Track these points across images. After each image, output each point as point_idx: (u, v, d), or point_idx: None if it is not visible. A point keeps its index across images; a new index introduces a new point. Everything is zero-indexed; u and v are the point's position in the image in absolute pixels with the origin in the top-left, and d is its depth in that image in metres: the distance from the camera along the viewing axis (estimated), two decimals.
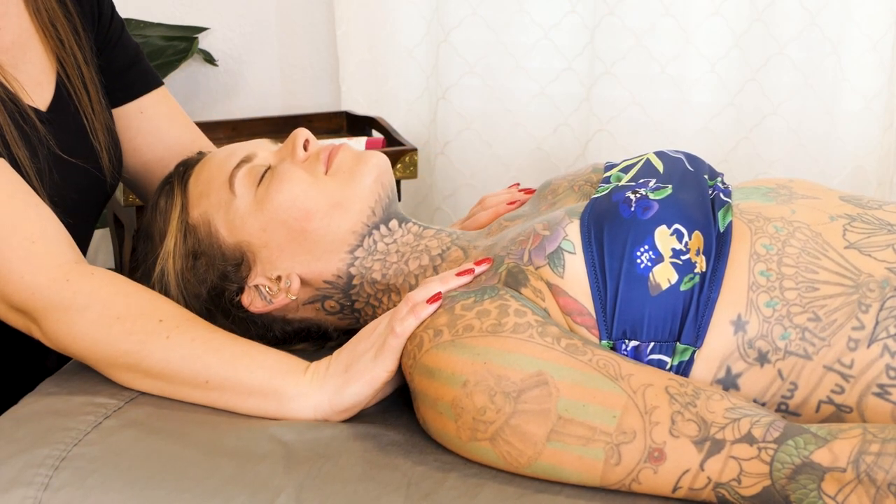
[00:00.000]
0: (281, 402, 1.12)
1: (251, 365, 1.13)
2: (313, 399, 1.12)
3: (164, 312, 1.15)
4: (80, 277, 1.15)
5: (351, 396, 1.12)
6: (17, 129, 1.23)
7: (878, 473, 0.94)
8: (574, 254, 1.12)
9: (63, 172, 1.28)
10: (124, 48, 1.44)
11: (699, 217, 1.12)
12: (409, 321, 1.10)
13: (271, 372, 1.13)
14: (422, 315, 1.10)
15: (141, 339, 1.13)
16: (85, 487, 1.03)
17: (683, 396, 1.01)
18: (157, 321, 1.14)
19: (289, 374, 1.13)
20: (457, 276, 1.14)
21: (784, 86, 2.16)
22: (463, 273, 1.14)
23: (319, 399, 1.12)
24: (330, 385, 1.12)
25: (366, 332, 1.15)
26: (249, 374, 1.12)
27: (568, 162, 2.27)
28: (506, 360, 1.04)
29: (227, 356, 1.13)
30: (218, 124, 2.15)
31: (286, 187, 1.21)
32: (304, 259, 1.22)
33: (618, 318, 1.08)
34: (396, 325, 1.10)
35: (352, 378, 1.12)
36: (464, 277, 1.14)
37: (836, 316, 1.06)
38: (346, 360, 1.13)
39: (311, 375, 1.13)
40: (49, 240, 1.17)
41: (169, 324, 1.14)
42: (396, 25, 2.18)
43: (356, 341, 1.15)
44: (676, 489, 1.00)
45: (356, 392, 1.12)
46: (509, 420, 1.02)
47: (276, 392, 1.12)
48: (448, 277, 1.14)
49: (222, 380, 1.12)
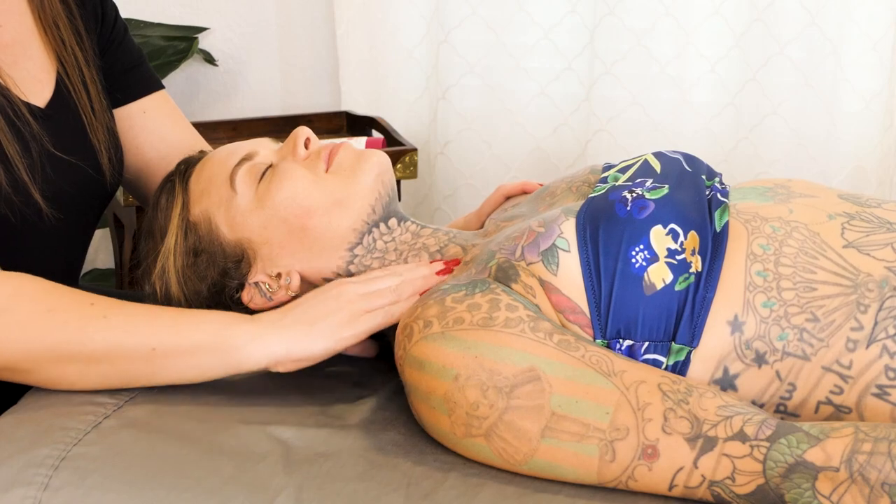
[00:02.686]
0: (230, 352, 1.12)
1: (195, 322, 1.13)
2: (266, 346, 1.12)
3: (93, 297, 1.14)
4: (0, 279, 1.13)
5: (316, 350, 1.13)
6: (8, 124, 1.23)
7: (871, 473, 0.94)
8: (569, 252, 1.12)
9: (57, 169, 1.28)
10: (127, 51, 1.45)
11: (695, 217, 1.12)
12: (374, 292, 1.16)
13: (217, 325, 1.13)
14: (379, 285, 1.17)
15: (79, 326, 1.11)
16: (85, 487, 1.03)
17: (676, 394, 1.01)
18: (90, 305, 1.13)
19: (234, 324, 1.14)
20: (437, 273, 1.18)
21: (784, 86, 2.17)
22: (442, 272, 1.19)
23: (274, 346, 1.12)
24: (289, 333, 1.13)
25: (332, 293, 1.16)
26: (195, 330, 1.12)
27: (568, 162, 2.27)
28: (497, 354, 1.04)
29: (169, 321, 1.13)
30: (218, 124, 2.15)
31: (287, 185, 1.21)
32: (304, 256, 1.22)
33: (612, 317, 1.08)
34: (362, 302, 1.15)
35: (318, 334, 1.13)
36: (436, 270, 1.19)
37: (835, 316, 1.06)
38: (310, 316, 1.14)
39: (265, 324, 1.14)
40: None
41: (102, 305, 1.13)
42: (396, 25, 2.18)
43: (322, 299, 1.16)
44: (673, 487, 1.00)
45: (324, 347, 1.13)
46: (503, 416, 1.02)
47: (226, 342, 1.12)
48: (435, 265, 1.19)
49: (168, 344, 1.12)
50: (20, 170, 1.22)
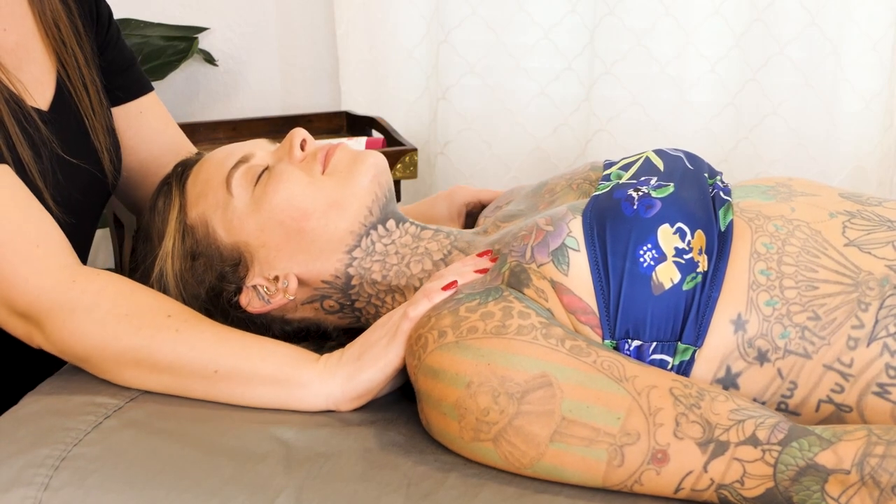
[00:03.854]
0: (291, 389, 1.13)
1: (262, 353, 1.14)
2: (326, 387, 1.13)
3: (171, 309, 1.16)
4: (86, 278, 1.16)
5: (364, 383, 1.13)
6: (21, 130, 1.23)
7: (882, 476, 0.94)
8: (578, 251, 1.12)
9: (66, 173, 1.28)
10: (122, 51, 1.46)
11: (701, 216, 1.12)
12: (423, 304, 1.11)
13: (283, 360, 1.14)
14: (435, 299, 1.11)
15: (150, 334, 1.14)
16: (85, 487, 1.03)
17: (688, 398, 1.01)
18: (166, 316, 1.15)
19: (300, 362, 1.14)
20: (474, 271, 1.15)
21: (784, 86, 2.17)
22: (480, 271, 1.15)
23: (332, 387, 1.13)
24: (342, 373, 1.13)
25: (380, 323, 1.16)
26: (261, 361, 1.13)
27: (568, 162, 2.27)
28: (510, 361, 1.04)
29: (238, 346, 1.14)
30: (218, 124, 2.15)
31: (283, 187, 1.21)
32: (302, 259, 1.22)
33: (621, 317, 1.08)
34: (410, 310, 1.11)
35: (365, 365, 1.13)
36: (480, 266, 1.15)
37: (836, 315, 1.06)
38: (359, 350, 1.14)
39: (324, 364, 1.14)
40: (51, 244, 1.18)
41: (177, 318, 1.15)
42: (396, 25, 2.18)
43: (370, 332, 1.16)
44: (679, 490, 1.00)
45: (369, 378, 1.12)
46: (513, 421, 1.02)
47: (288, 379, 1.13)
48: (465, 272, 1.15)
49: (232, 368, 1.13)
50: (34, 176, 1.23)
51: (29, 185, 1.22)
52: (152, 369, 1.14)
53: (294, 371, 1.13)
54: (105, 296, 1.15)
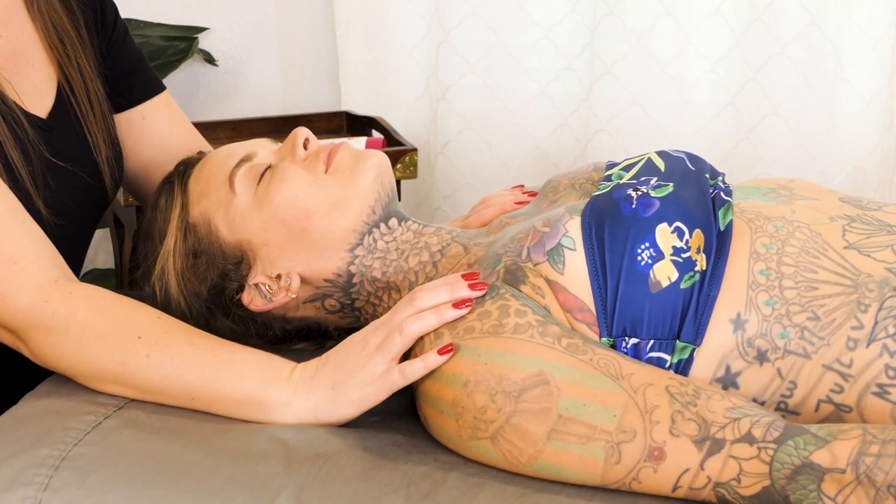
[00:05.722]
0: (265, 411, 1.12)
1: (233, 378, 1.13)
2: (297, 409, 1.12)
3: (141, 328, 1.15)
4: (59, 298, 1.15)
5: (337, 415, 1.12)
6: (10, 131, 1.23)
7: (877, 475, 0.94)
8: (574, 250, 1.12)
9: (57, 178, 1.28)
10: (127, 53, 1.44)
11: (700, 215, 1.12)
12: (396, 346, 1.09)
13: (253, 382, 1.13)
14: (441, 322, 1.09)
15: (122, 360, 1.14)
16: (85, 487, 1.03)
17: (684, 396, 1.01)
18: (136, 338, 1.14)
19: (272, 383, 1.13)
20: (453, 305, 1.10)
21: (784, 86, 2.17)
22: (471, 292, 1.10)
23: (304, 410, 1.12)
24: (315, 397, 1.12)
25: (355, 346, 1.12)
26: (231, 387, 1.12)
27: (568, 162, 2.27)
28: (507, 360, 1.04)
29: (208, 372, 1.13)
30: (218, 124, 2.15)
31: (286, 186, 1.21)
32: (304, 258, 1.22)
33: (618, 315, 1.09)
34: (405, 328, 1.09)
35: (339, 396, 1.11)
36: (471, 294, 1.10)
37: (835, 315, 1.06)
38: (331, 376, 1.12)
39: (296, 383, 1.13)
40: (30, 259, 1.17)
41: (147, 341, 1.14)
42: (396, 25, 2.18)
43: (345, 356, 1.12)
44: (676, 488, 1.00)
45: (341, 415, 1.12)
46: (510, 419, 1.02)
47: (260, 403, 1.12)
48: (457, 286, 1.11)
49: (207, 395, 1.13)
50: (24, 178, 1.23)
51: (18, 187, 1.22)
52: (134, 389, 1.15)
53: (264, 394, 1.12)
54: (75, 319, 1.14)
